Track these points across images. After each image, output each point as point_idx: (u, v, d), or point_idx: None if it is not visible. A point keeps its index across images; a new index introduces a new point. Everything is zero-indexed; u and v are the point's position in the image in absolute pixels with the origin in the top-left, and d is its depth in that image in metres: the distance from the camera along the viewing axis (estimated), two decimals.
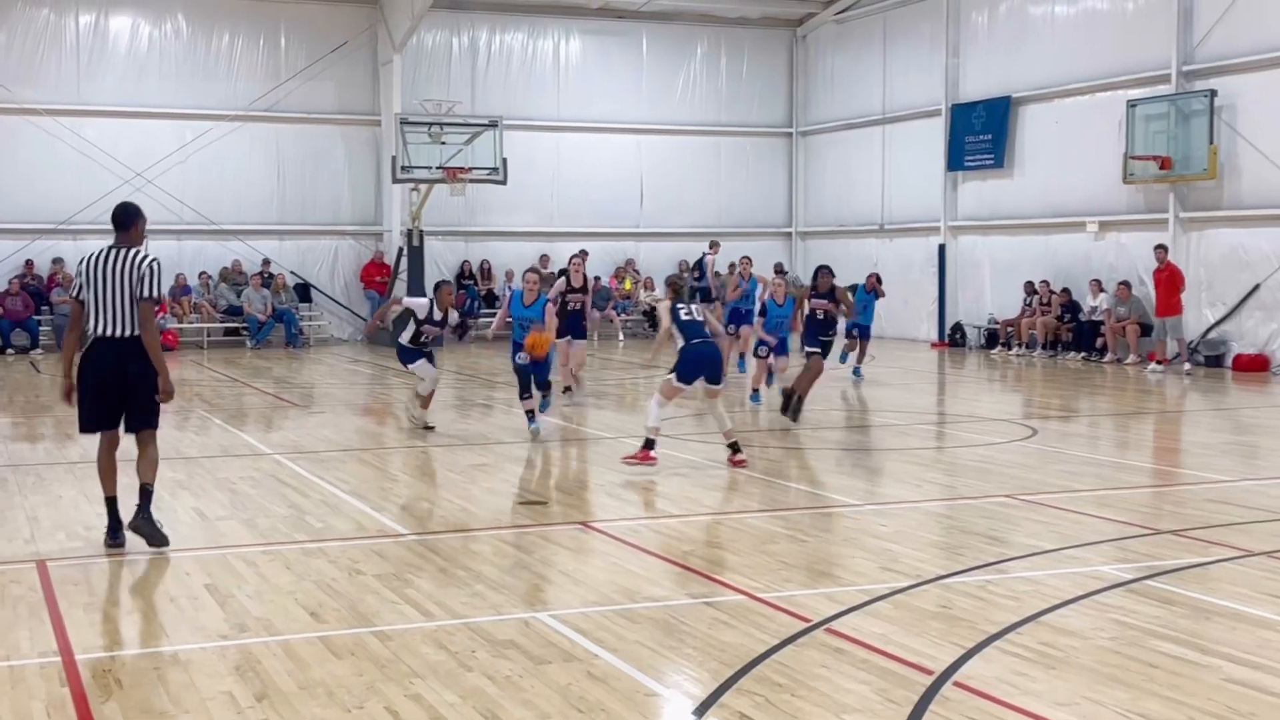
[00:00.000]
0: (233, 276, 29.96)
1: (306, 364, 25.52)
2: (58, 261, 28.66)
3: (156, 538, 8.99)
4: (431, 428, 15.07)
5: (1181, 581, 8.10)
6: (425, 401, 15.38)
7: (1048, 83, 27.20)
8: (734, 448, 12.58)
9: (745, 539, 9.48)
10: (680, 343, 12.48)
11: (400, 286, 30.05)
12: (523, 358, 14.33)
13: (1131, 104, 24.84)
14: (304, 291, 30.90)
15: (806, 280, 21.08)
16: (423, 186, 29.54)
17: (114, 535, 9.12)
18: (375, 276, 31.13)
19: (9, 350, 27.04)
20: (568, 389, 17.71)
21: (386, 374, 23.16)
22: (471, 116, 30.11)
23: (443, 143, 28.96)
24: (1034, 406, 18.59)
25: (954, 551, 9.02)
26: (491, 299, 31.54)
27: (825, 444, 14.68)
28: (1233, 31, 23.29)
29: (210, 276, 29.95)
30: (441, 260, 31.76)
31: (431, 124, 28.94)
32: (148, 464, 9.13)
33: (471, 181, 29.24)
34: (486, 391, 19.84)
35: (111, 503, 9.18)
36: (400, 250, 30.22)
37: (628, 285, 32.93)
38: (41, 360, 25.88)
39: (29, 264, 28.46)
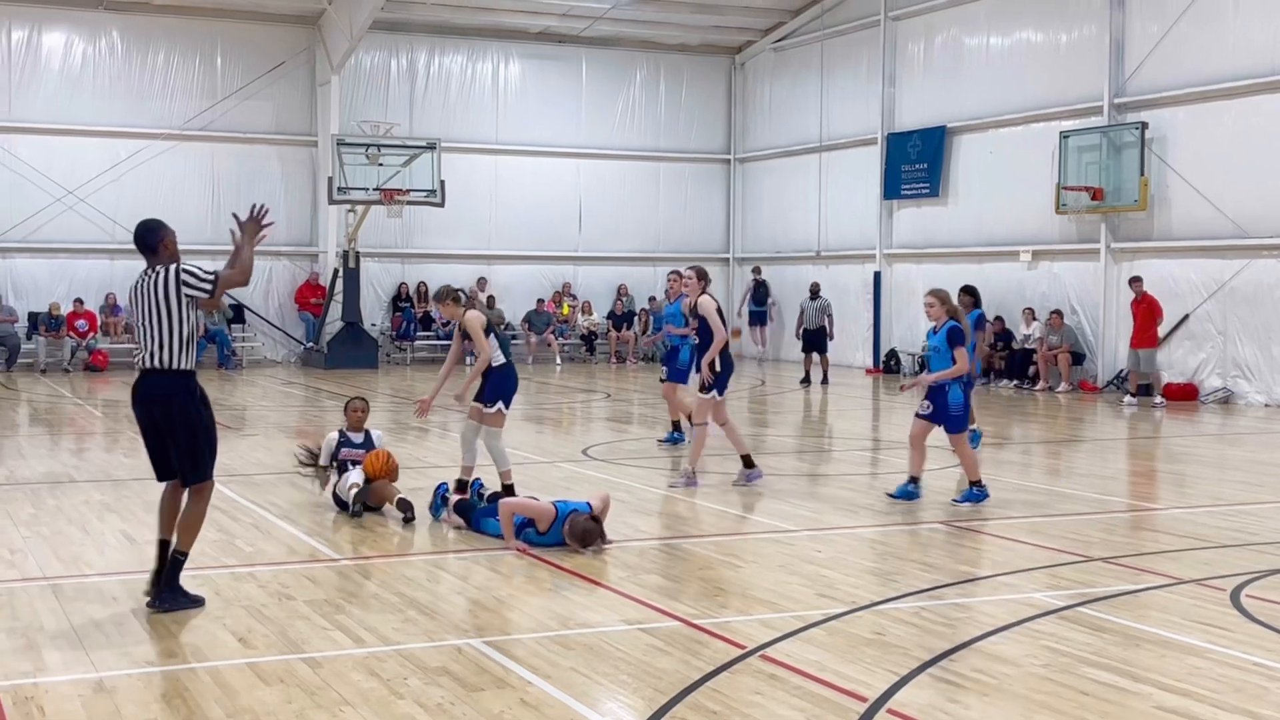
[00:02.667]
0: None
1: (239, 385, 25.26)
2: None
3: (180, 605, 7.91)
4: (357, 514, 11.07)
5: (1112, 609, 8.17)
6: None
7: (982, 113, 27.52)
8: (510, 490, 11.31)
9: (681, 565, 9.45)
10: (501, 360, 11.38)
11: (335, 308, 29.86)
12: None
13: (1064, 135, 25.18)
14: (237, 312, 30.60)
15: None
16: (359, 208, 29.38)
17: (153, 587, 8.05)
18: (310, 298, 30.91)
19: None
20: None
21: (319, 396, 22.96)
22: (409, 138, 30.02)
23: (380, 164, 28.83)
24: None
25: (888, 578, 9.04)
26: (428, 322, 31.40)
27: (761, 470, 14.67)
28: (1163, 65, 23.68)
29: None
30: (378, 282, 31.59)
31: (369, 145, 28.82)
32: (183, 523, 8.12)
33: (409, 203, 29.12)
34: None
35: (163, 545, 8.13)
36: (336, 271, 30.02)
37: (565, 310, 32.89)
38: None
39: None
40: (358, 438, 11.67)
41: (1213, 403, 22.54)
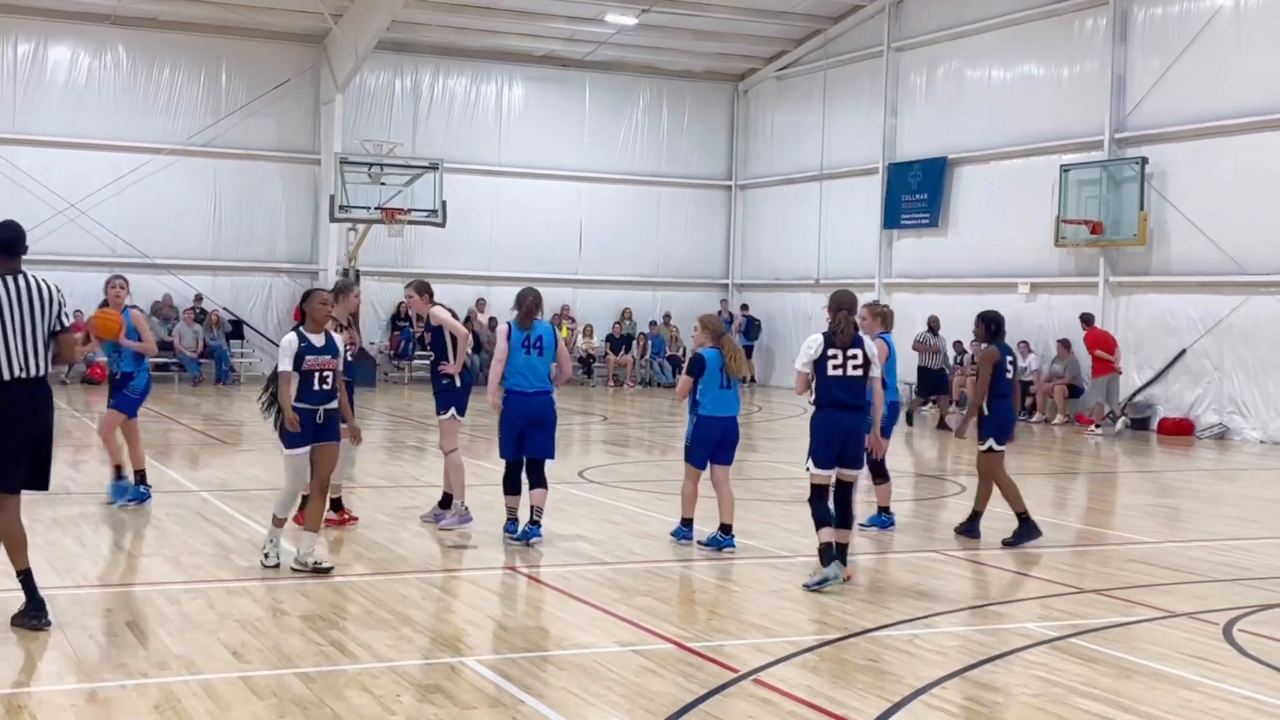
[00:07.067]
0: (164, 311, 29.66)
1: (236, 401, 25.24)
2: None
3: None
4: (328, 569, 9.55)
5: (1105, 640, 8.18)
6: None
7: (983, 145, 27.63)
8: (337, 505, 11.53)
9: (676, 588, 9.46)
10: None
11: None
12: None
13: (1064, 168, 25.27)
14: (236, 328, 30.63)
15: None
16: (360, 226, 29.45)
17: (36, 614, 7.66)
18: None
19: None
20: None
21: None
22: (412, 158, 30.11)
23: (382, 183, 28.91)
24: (962, 463, 18.73)
25: (883, 605, 9.05)
26: (423, 342, 31.40)
27: (758, 495, 14.70)
28: (1164, 101, 23.78)
29: (141, 310, 29.58)
30: (377, 300, 31.62)
31: (371, 164, 28.91)
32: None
33: (410, 223, 29.20)
34: (419, 434, 19.71)
35: (25, 575, 7.73)
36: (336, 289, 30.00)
37: (564, 332, 32.91)
38: None
39: None
40: (319, 340, 9.91)
41: (1208, 438, 22.56)
